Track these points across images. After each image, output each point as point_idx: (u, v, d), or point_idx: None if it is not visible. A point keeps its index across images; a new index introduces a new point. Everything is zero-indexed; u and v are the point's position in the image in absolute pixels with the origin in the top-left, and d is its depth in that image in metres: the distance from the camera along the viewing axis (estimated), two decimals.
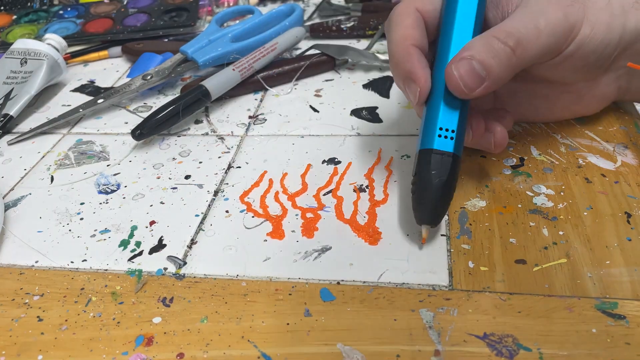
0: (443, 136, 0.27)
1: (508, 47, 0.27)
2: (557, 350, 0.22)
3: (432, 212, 0.27)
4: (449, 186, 0.27)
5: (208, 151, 0.38)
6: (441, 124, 0.27)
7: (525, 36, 0.27)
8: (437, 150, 0.27)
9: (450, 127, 0.27)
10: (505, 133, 0.31)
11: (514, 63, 0.27)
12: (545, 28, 0.27)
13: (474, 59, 0.27)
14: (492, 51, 0.27)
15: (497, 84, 0.27)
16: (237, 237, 0.30)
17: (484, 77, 0.27)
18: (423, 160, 0.27)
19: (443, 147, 0.27)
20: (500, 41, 0.27)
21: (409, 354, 0.23)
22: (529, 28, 0.27)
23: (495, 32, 0.27)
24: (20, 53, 0.49)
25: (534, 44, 0.27)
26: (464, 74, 0.27)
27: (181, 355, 0.24)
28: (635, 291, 0.24)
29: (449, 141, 0.27)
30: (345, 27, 0.55)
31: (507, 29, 0.27)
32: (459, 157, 0.27)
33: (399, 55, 0.29)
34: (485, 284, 0.25)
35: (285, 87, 0.47)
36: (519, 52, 0.27)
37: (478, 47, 0.27)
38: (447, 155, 0.27)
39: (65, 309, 0.27)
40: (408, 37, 0.29)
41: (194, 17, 0.60)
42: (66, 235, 0.32)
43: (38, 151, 0.41)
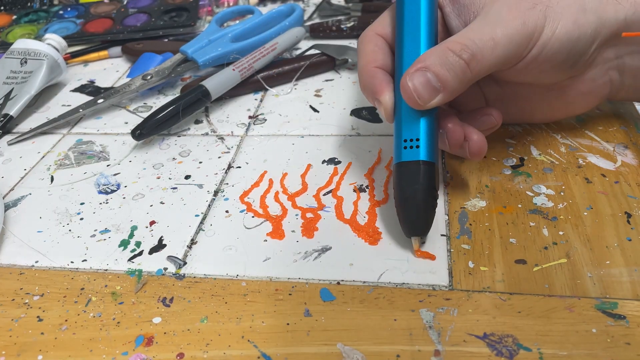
0: (409, 147, 0.28)
1: (462, 61, 0.27)
2: (557, 350, 0.22)
3: (416, 222, 0.27)
4: (424, 194, 0.27)
5: (208, 151, 0.38)
6: (405, 135, 0.28)
7: (481, 49, 0.27)
8: (405, 162, 0.27)
9: (414, 136, 0.28)
10: (482, 141, 0.29)
11: (469, 76, 0.27)
12: (502, 38, 0.27)
13: (429, 70, 0.27)
14: (447, 64, 0.27)
15: (452, 95, 0.27)
16: (237, 237, 0.30)
17: (439, 89, 0.27)
18: (396, 175, 0.28)
19: (411, 157, 0.27)
20: (455, 54, 0.27)
21: (409, 354, 0.23)
22: (484, 40, 0.27)
23: (450, 43, 0.27)
24: (20, 53, 0.49)
25: (489, 56, 0.27)
26: (418, 85, 0.27)
27: (181, 355, 0.24)
28: (635, 291, 0.24)
29: (415, 150, 0.27)
30: (345, 27, 0.55)
31: (463, 40, 0.27)
32: (431, 162, 0.27)
33: (363, 79, 0.31)
34: (485, 284, 0.25)
35: (285, 87, 0.47)
36: (473, 65, 0.27)
37: (433, 59, 0.27)
38: (416, 164, 0.27)
39: (65, 309, 0.27)
40: (371, 61, 0.30)
41: (194, 17, 0.60)
42: (66, 235, 0.32)
43: (38, 151, 0.41)
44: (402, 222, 0.28)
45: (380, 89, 0.29)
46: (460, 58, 0.27)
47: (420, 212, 0.27)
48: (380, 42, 0.31)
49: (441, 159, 0.34)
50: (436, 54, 0.27)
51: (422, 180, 0.27)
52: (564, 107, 0.34)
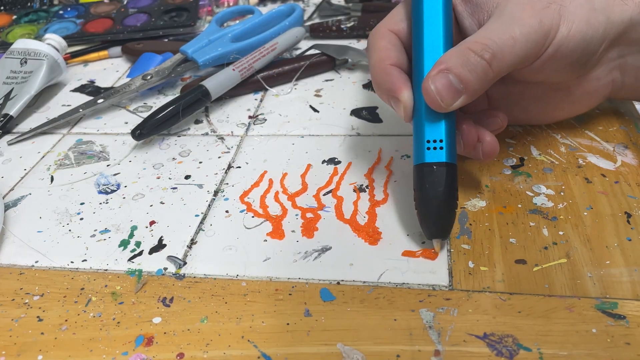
0: (432, 148, 0.27)
1: (484, 60, 0.27)
2: (557, 350, 0.22)
3: (437, 224, 0.27)
4: (448, 196, 0.27)
5: (208, 151, 0.38)
6: (428, 136, 0.28)
7: (501, 48, 0.27)
8: (428, 163, 0.27)
9: (437, 137, 0.27)
10: (495, 142, 0.30)
11: (491, 75, 0.27)
12: (521, 37, 0.27)
13: (451, 72, 0.26)
14: (469, 65, 0.26)
15: (475, 96, 0.27)
16: (237, 237, 0.30)
17: (461, 91, 0.27)
18: (418, 175, 0.28)
19: (434, 158, 0.27)
20: (476, 54, 0.27)
21: (409, 354, 0.23)
22: (504, 39, 0.27)
23: (470, 44, 0.27)
24: (20, 53, 0.49)
25: (509, 55, 0.27)
26: (441, 88, 0.27)
27: (181, 355, 0.24)
28: (635, 291, 0.24)
29: (440, 151, 0.27)
30: (345, 27, 0.55)
31: (483, 40, 0.27)
32: (453, 164, 0.27)
33: (378, 77, 0.30)
34: (485, 284, 0.25)
35: (285, 87, 0.47)
36: (495, 64, 0.27)
37: (454, 60, 0.27)
38: (440, 165, 0.27)
39: (65, 309, 0.27)
40: (385, 58, 0.30)
41: (194, 17, 0.60)
42: (66, 235, 0.32)
43: (38, 151, 0.41)
44: (424, 224, 0.27)
45: (398, 87, 0.29)
46: (482, 58, 0.27)
47: (444, 214, 0.27)
48: (393, 38, 0.31)
49: None
50: (457, 54, 0.27)
51: (447, 183, 0.27)
52: (568, 106, 0.34)
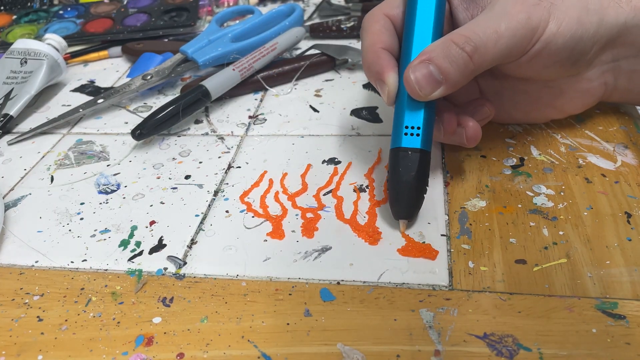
0: (409, 134, 0.29)
1: (465, 53, 0.27)
2: (557, 350, 0.22)
3: (406, 206, 0.29)
4: (419, 180, 0.28)
5: (208, 151, 0.38)
6: (407, 122, 0.29)
7: (484, 42, 0.27)
8: (404, 148, 0.29)
9: (415, 124, 0.29)
10: (477, 127, 0.31)
11: (471, 68, 0.28)
12: (506, 31, 0.27)
13: (432, 62, 0.27)
14: (450, 56, 0.27)
15: (455, 87, 0.28)
16: (237, 237, 0.30)
17: (441, 81, 0.27)
18: (393, 159, 0.29)
19: (410, 144, 0.28)
20: (458, 46, 0.27)
21: (409, 354, 0.23)
22: (488, 33, 0.27)
23: (454, 36, 0.28)
24: (20, 53, 0.49)
25: (492, 49, 0.27)
26: (420, 77, 0.27)
27: (181, 355, 0.24)
28: (635, 291, 0.24)
29: (416, 138, 0.28)
30: (345, 27, 0.55)
31: (466, 33, 0.27)
32: (427, 152, 0.29)
33: (368, 59, 0.31)
34: (485, 284, 0.25)
35: (285, 87, 0.47)
36: (476, 57, 0.27)
37: (436, 51, 0.27)
38: (414, 151, 0.28)
39: (65, 309, 0.27)
40: (377, 42, 0.31)
41: (194, 17, 0.60)
42: (66, 235, 0.32)
43: (38, 151, 0.41)
44: (393, 205, 0.29)
45: (385, 71, 0.30)
46: (462, 50, 0.27)
47: (413, 197, 0.28)
48: (387, 23, 0.31)
49: (441, 158, 0.34)
50: (440, 46, 0.28)
51: (419, 168, 0.28)
52: (559, 105, 0.34)
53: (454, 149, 0.35)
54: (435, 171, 0.33)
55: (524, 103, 0.35)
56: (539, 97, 0.34)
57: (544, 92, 0.33)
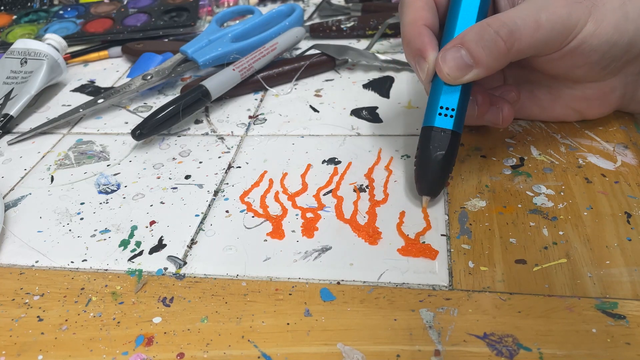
0: (443, 114, 0.29)
1: (499, 37, 0.27)
2: (557, 350, 0.22)
3: (431, 183, 0.29)
4: (447, 160, 0.29)
5: (208, 151, 0.38)
6: (442, 102, 0.29)
7: (521, 28, 0.27)
8: (437, 128, 0.29)
9: (450, 105, 0.29)
10: (512, 109, 0.32)
11: (504, 53, 0.28)
12: (546, 23, 0.27)
13: (464, 46, 0.28)
14: (482, 40, 0.27)
15: (489, 71, 0.28)
16: (237, 237, 0.30)
17: (471, 65, 0.28)
18: (424, 137, 0.30)
19: (443, 124, 0.29)
20: (492, 29, 0.27)
21: (409, 354, 0.23)
22: (527, 21, 0.27)
23: (490, 20, 0.28)
24: (20, 53, 0.49)
25: (529, 37, 0.27)
26: (450, 61, 0.28)
27: (181, 355, 0.24)
28: (635, 291, 0.24)
29: (449, 119, 0.29)
30: (345, 27, 0.55)
31: (504, 18, 0.28)
32: (458, 134, 0.29)
33: (410, 35, 0.30)
34: (485, 284, 0.25)
35: (285, 87, 0.47)
36: (511, 43, 0.27)
37: (470, 35, 0.28)
38: (446, 132, 0.29)
39: (65, 309, 0.27)
40: (419, 18, 0.30)
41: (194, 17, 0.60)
42: (66, 235, 0.32)
43: (38, 151, 0.41)
44: (418, 180, 0.30)
45: (427, 49, 0.29)
46: (497, 34, 0.27)
47: (439, 176, 0.29)
48: (430, 0, 0.31)
49: None
50: (475, 29, 0.28)
51: (449, 148, 0.29)
52: (578, 108, 0.34)
53: None
54: None
55: (544, 99, 0.35)
56: (560, 96, 0.34)
57: (566, 92, 0.34)
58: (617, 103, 0.34)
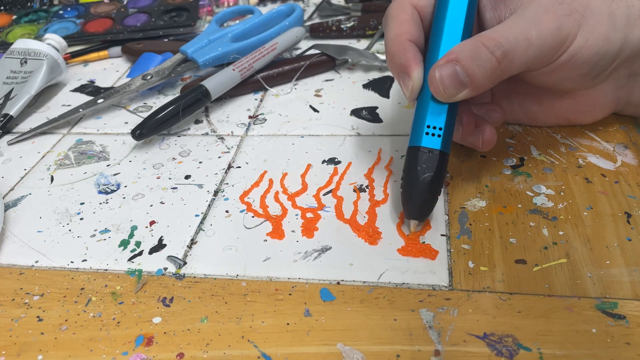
0: (430, 134, 0.28)
1: (494, 57, 0.27)
2: (557, 350, 0.22)
3: (419, 207, 0.28)
4: (435, 182, 0.28)
5: (208, 151, 0.38)
6: (429, 122, 0.28)
7: (514, 47, 0.27)
8: (424, 148, 0.28)
9: (437, 124, 0.28)
10: (494, 132, 0.31)
11: (498, 73, 0.27)
12: (537, 40, 0.27)
13: (459, 63, 0.27)
14: (478, 59, 0.26)
15: (479, 90, 0.27)
16: (237, 237, 0.30)
17: (466, 84, 0.27)
18: (411, 157, 0.28)
19: (430, 144, 0.28)
20: (488, 50, 0.26)
21: (409, 354, 0.23)
22: (519, 39, 0.27)
23: (484, 38, 0.27)
24: (20, 53, 0.49)
25: (521, 56, 0.27)
26: (445, 77, 0.27)
27: (181, 355, 0.24)
28: (635, 291, 0.24)
29: (437, 139, 0.28)
30: (345, 27, 0.55)
31: (498, 37, 0.27)
32: (446, 154, 0.28)
33: (394, 50, 0.29)
34: (485, 284, 0.25)
35: (285, 87, 0.47)
36: (505, 63, 0.27)
37: (465, 53, 0.27)
38: (434, 152, 0.28)
39: (65, 309, 0.27)
40: (404, 33, 0.29)
41: (194, 17, 0.60)
42: (66, 235, 0.32)
43: (38, 151, 0.41)
44: (405, 204, 0.28)
45: (412, 65, 0.28)
46: (492, 55, 0.26)
47: (427, 198, 0.28)
48: (414, 14, 0.30)
49: None
50: (469, 47, 0.27)
51: (437, 170, 0.28)
52: (569, 115, 0.34)
53: (453, 149, 0.35)
54: None
55: (535, 110, 0.35)
56: (551, 107, 0.34)
57: (557, 102, 0.34)
58: (610, 107, 0.34)
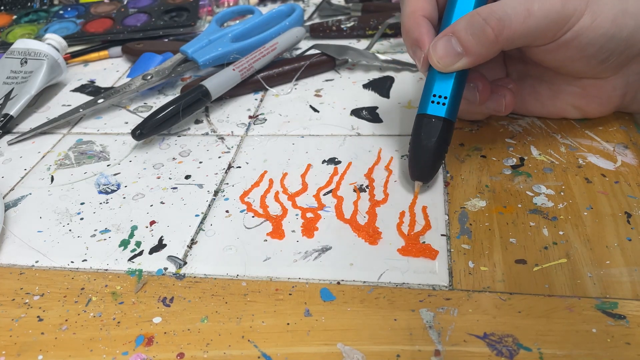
0: (436, 102, 0.30)
1: (488, 25, 0.27)
2: (557, 350, 0.22)
3: (422, 169, 0.30)
4: (438, 147, 0.30)
5: (208, 151, 0.38)
6: (435, 91, 0.30)
7: (510, 16, 0.27)
8: (429, 115, 0.30)
9: (443, 93, 0.30)
10: (513, 96, 0.33)
11: (493, 41, 0.28)
12: (538, 12, 0.28)
13: (454, 35, 0.28)
14: (471, 28, 0.28)
15: (478, 59, 0.29)
16: (237, 237, 0.30)
17: (461, 53, 0.28)
18: (417, 124, 0.31)
19: (435, 112, 0.30)
20: (482, 18, 0.28)
21: (409, 354, 0.23)
22: (518, 9, 0.28)
23: (481, 9, 0.28)
24: (21, 53, 0.49)
25: (519, 26, 0.28)
26: (440, 49, 0.29)
27: (181, 355, 0.24)
28: (635, 291, 0.24)
29: (441, 107, 0.30)
30: (345, 27, 0.55)
31: (494, 7, 0.28)
32: (451, 121, 0.30)
33: (408, 25, 0.31)
34: (485, 284, 0.25)
35: (285, 87, 0.47)
36: (499, 30, 0.28)
37: (460, 24, 0.28)
38: (438, 119, 0.30)
39: (65, 309, 0.27)
40: (419, 9, 0.31)
41: (194, 17, 0.60)
42: (66, 235, 0.32)
43: (38, 151, 0.41)
44: (411, 167, 0.31)
45: (425, 38, 0.30)
46: (486, 22, 0.27)
47: (430, 161, 0.30)
48: None
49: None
50: (466, 18, 0.28)
51: (440, 135, 0.30)
52: (578, 105, 0.34)
53: (453, 149, 0.35)
54: None
55: (544, 95, 0.35)
56: (560, 92, 0.34)
57: (566, 88, 0.34)
58: (617, 102, 0.34)
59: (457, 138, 0.36)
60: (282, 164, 0.36)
